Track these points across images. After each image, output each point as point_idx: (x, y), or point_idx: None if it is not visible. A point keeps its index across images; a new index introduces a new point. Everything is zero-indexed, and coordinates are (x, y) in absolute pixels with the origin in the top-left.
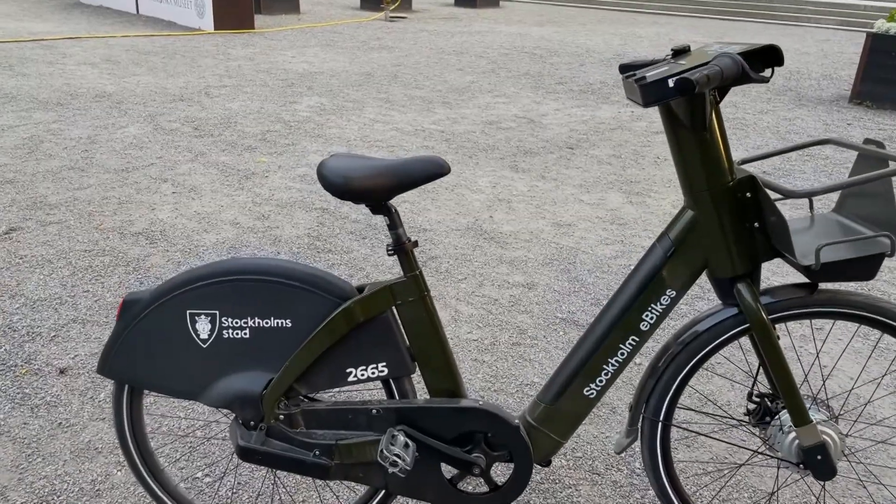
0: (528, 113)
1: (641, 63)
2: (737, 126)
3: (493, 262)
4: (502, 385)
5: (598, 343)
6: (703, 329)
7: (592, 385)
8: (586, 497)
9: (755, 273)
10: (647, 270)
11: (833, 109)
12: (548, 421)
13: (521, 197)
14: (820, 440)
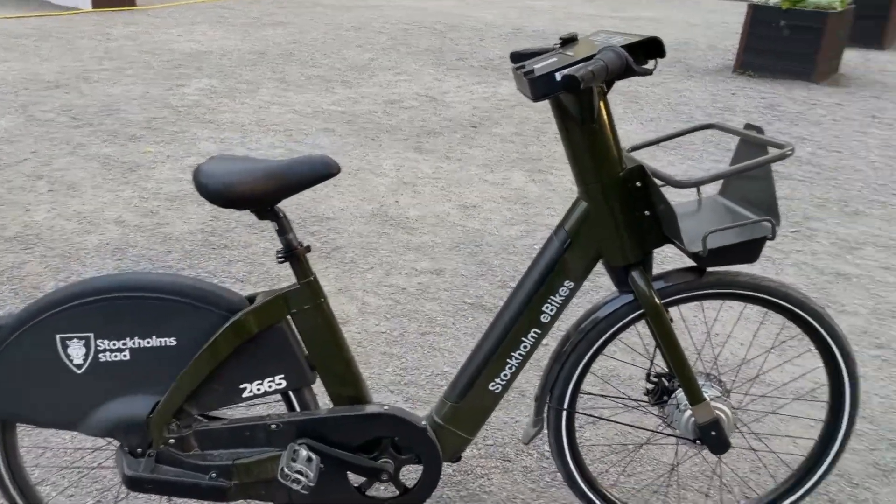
0: (429, 91)
1: (531, 52)
2: (630, 99)
3: (400, 249)
4: (413, 377)
5: (500, 338)
6: (602, 317)
7: (497, 380)
8: (498, 485)
9: (647, 260)
10: (545, 263)
11: (719, 80)
12: (455, 419)
13: (427, 179)
14: (713, 416)
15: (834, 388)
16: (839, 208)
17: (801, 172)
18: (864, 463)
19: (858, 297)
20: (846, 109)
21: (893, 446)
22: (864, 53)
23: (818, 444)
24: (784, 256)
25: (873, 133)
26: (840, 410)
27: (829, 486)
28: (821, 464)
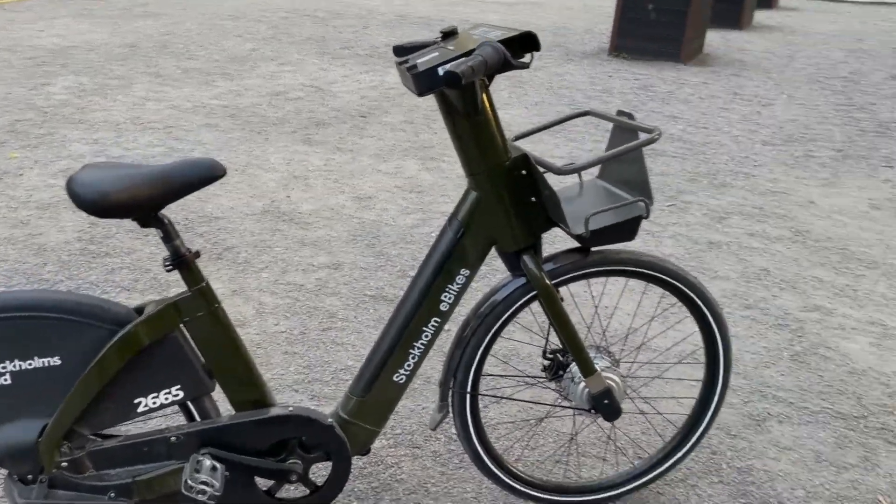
0: (315, 81)
1: (414, 45)
2: (515, 84)
3: (295, 245)
4: (317, 374)
5: (401, 330)
6: (498, 300)
7: (401, 371)
8: (409, 472)
9: (537, 244)
10: (440, 254)
11: (596, 63)
12: (361, 413)
13: (318, 172)
14: (605, 386)
15: (709, 351)
16: (709, 181)
17: (673, 149)
18: (740, 415)
19: (729, 262)
20: (711, 87)
21: (765, 397)
22: (724, 34)
23: (698, 403)
24: (662, 229)
25: (735, 109)
26: (715, 370)
27: (711, 440)
28: (702, 420)
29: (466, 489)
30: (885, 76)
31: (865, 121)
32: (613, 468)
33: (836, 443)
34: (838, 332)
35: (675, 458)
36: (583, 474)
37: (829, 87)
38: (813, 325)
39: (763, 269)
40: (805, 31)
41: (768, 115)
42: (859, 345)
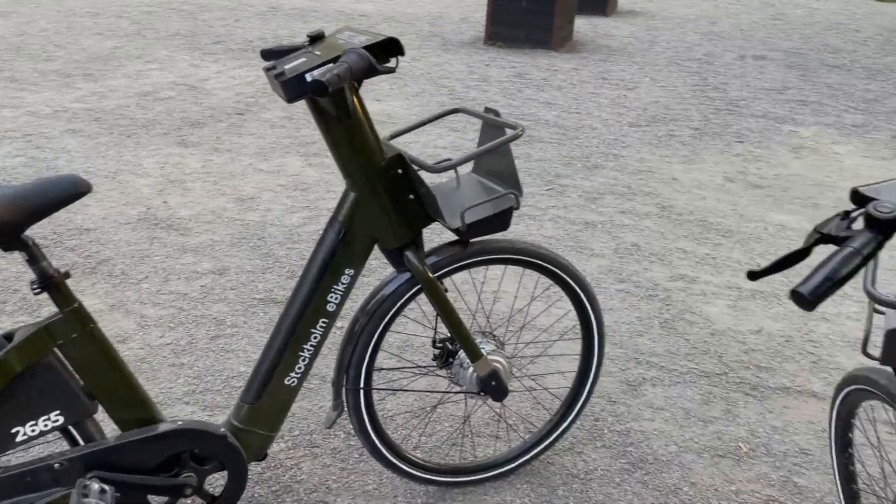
0: (187, 79)
1: (282, 49)
2: (395, 75)
3: (176, 252)
4: (208, 384)
5: (290, 333)
6: (385, 296)
7: (292, 374)
8: (309, 472)
9: (418, 239)
10: (323, 255)
11: (473, 52)
12: (254, 420)
13: (196, 175)
14: (492, 368)
15: (584, 326)
16: (582, 164)
17: (549, 135)
18: (617, 381)
19: (603, 240)
20: (581, 73)
21: (639, 364)
22: (591, 20)
23: (578, 375)
24: (542, 213)
25: (604, 93)
26: (591, 344)
27: (594, 408)
28: (582, 391)
29: (367, 481)
30: (734, 57)
31: (718, 100)
32: (507, 445)
33: (702, 399)
34: (701, 298)
35: (561, 429)
36: (478, 454)
37: (687, 69)
38: (679, 293)
39: (634, 244)
40: (664, 16)
41: (634, 97)
42: (719, 308)
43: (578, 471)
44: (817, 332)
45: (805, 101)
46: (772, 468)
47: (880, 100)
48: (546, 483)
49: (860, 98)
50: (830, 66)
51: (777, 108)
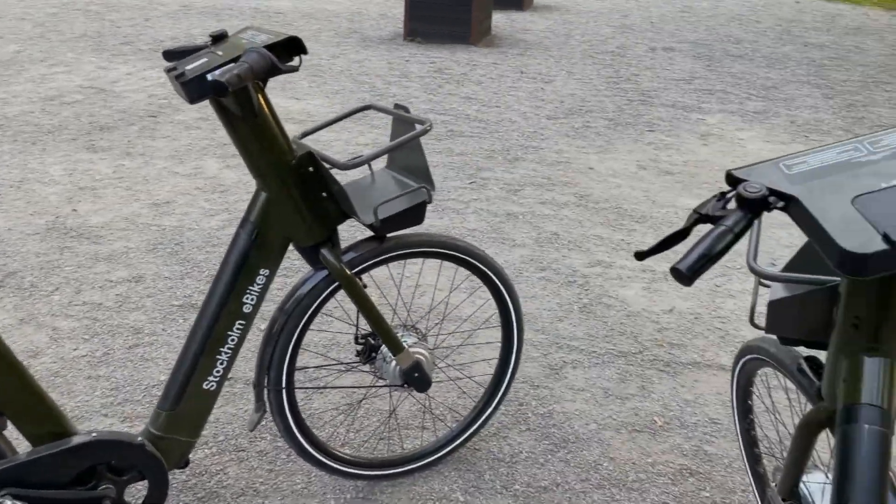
0: (95, 82)
1: (184, 50)
2: (314, 73)
3: (88, 262)
4: (127, 395)
5: (205, 338)
6: (303, 295)
7: (211, 378)
8: (235, 476)
9: (333, 236)
10: (236, 257)
11: (393, 48)
12: (173, 427)
13: (107, 181)
14: (414, 360)
15: (503, 315)
16: (503, 157)
17: (470, 129)
18: (540, 366)
19: (524, 230)
20: (500, 68)
21: (560, 348)
22: (508, 15)
23: (499, 363)
24: (465, 206)
25: (522, 87)
26: (510, 331)
27: (518, 393)
28: (504, 377)
29: (296, 481)
30: (645, 49)
31: (631, 91)
32: (434, 435)
33: (619, 378)
34: (617, 282)
35: (485, 416)
36: (407, 446)
37: (601, 62)
38: (596, 278)
39: (554, 233)
40: (578, 10)
41: (551, 90)
42: (634, 291)
43: (504, 455)
44: (724, 309)
45: (711, 90)
46: (684, 439)
47: (779, 87)
48: (473, 469)
49: (761, 86)
50: (734, 55)
51: (685, 98)
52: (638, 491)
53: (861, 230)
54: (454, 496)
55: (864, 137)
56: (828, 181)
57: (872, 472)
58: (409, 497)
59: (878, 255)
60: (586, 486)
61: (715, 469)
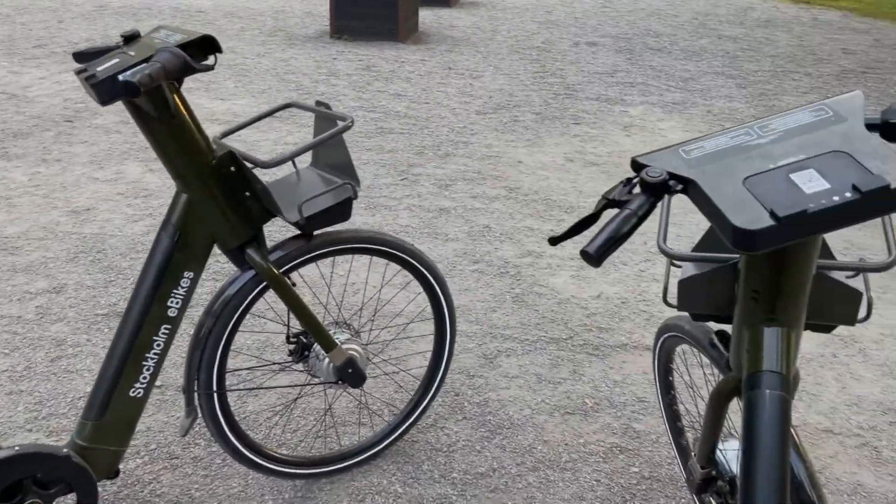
0: (6, 87)
1: (95, 51)
2: (239, 73)
3: (5, 274)
4: (52, 409)
5: (130, 345)
6: (230, 296)
7: (137, 385)
8: (169, 484)
9: (259, 236)
10: (159, 261)
11: (319, 46)
12: (100, 437)
13: (22, 189)
14: (347, 357)
15: (435, 307)
16: (433, 153)
17: (400, 126)
18: (475, 356)
19: (457, 224)
20: (428, 64)
21: (495, 338)
22: (435, 12)
23: (433, 355)
24: (398, 202)
25: (451, 83)
26: (443, 323)
27: (454, 383)
28: (438, 369)
29: (232, 485)
30: (569, 44)
31: (557, 85)
32: (372, 430)
33: (551, 364)
34: (547, 271)
35: (421, 408)
36: (345, 442)
37: (527, 57)
38: (527, 268)
39: (486, 226)
40: (504, 6)
41: (479, 86)
42: (563, 279)
43: (441, 444)
44: (649, 293)
45: (633, 83)
46: (614, 418)
47: (696, 78)
48: (411, 460)
49: (679, 78)
50: (653, 49)
51: (609, 91)
52: (571, 471)
53: (751, 208)
54: (393, 488)
55: (755, 122)
56: (721, 164)
57: (775, 433)
58: (348, 492)
59: (766, 231)
60: (522, 469)
61: (643, 445)
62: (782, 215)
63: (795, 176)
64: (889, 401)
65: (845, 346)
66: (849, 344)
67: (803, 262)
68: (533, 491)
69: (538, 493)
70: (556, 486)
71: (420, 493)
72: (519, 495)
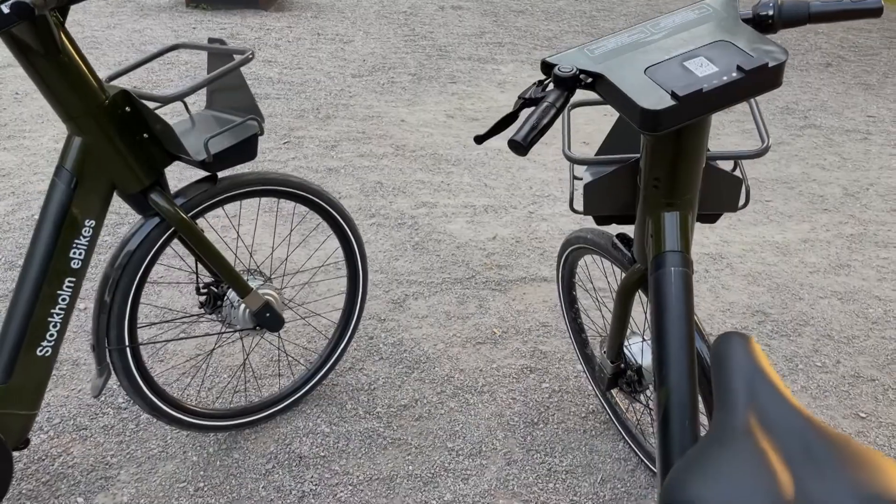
0: None
1: None
2: (90, 45)
3: None
4: None
5: (32, 300)
6: (135, 247)
7: (44, 343)
8: (81, 455)
9: (162, 179)
10: (55, 209)
11: (175, 15)
12: (9, 400)
13: None
14: (264, 300)
15: (346, 248)
16: (314, 116)
17: (275, 91)
18: (384, 301)
19: (348, 182)
20: (295, 31)
21: (400, 283)
22: None
23: (347, 299)
24: (283, 165)
25: (322, 48)
26: (354, 262)
27: (367, 329)
28: (353, 313)
29: (151, 447)
30: (435, 8)
31: (429, 47)
32: (291, 377)
33: (458, 301)
34: (443, 219)
35: (339, 351)
36: (265, 393)
37: (395, 22)
38: (424, 218)
39: (377, 182)
40: None
41: (351, 50)
42: (459, 225)
43: (362, 384)
44: (539, 231)
45: (501, 43)
46: (521, 343)
47: (559, 37)
48: (334, 401)
49: (543, 37)
50: (516, 11)
51: (479, 51)
52: (488, 393)
53: (654, 93)
54: (320, 429)
55: (647, 22)
56: (623, 58)
57: (680, 305)
58: (274, 439)
59: (669, 111)
60: (442, 396)
61: (551, 364)
62: (682, 95)
63: (688, 63)
64: (755, 304)
65: (715, 262)
66: (717, 260)
67: (698, 146)
68: (455, 414)
69: (460, 416)
70: (476, 407)
71: (347, 429)
72: (443, 419)
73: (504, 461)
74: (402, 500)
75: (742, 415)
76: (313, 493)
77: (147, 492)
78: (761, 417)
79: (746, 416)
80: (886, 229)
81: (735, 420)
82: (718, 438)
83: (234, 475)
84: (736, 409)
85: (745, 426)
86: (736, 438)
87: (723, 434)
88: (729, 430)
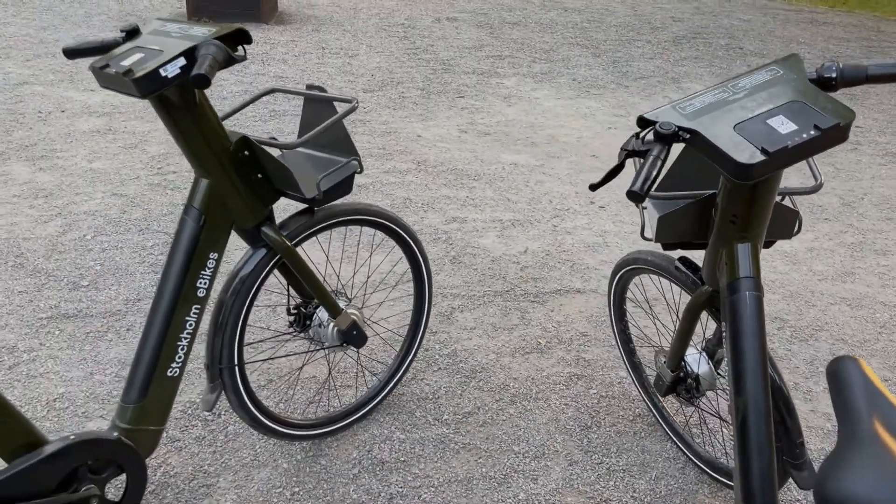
0: None
1: (90, 47)
2: None
3: None
4: (29, 414)
5: (165, 327)
6: (247, 274)
7: (174, 365)
8: (180, 465)
9: (270, 215)
10: (186, 244)
11: None
12: (143, 417)
13: None
14: (352, 320)
15: (415, 270)
16: None
17: (293, 108)
18: (433, 314)
19: (378, 199)
20: (300, 45)
21: (445, 297)
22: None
23: (414, 314)
24: None
25: (329, 62)
26: (422, 285)
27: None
28: (419, 328)
29: (243, 455)
30: (431, 20)
31: (432, 61)
32: (365, 387)
33: (501, 313)
34: (475, 234)
35: (408, 362)
36: (345, 401)
37: (395, 35)
38: (456, 233)
39: (406, 198)
40: None
41: (358, 65)
42: (490, 239)
43: (426, 393)
44: (566, 244)
45: (501, 56)
46: (565, 352)
47: (555, 49)
48: (403, 410)
49: (540, 49)
50: (510, 23)
51: (481, 65)
52: (542, 399)
53: (746, 148)
54: (395, 436)
55: (727, 82)
56: (713, 116)
57: (754, 324)
58: (355, 446)
59: (761, 164)
60: (501, 403)
61: (595, 371)
62: (772, 151)
63: (771, 121)
64: (773, 311)
65: None
66: None
67: (774, 189)
68: (516, 420)
69: (520, 422)
70: (533, 413)
71: (420, 435)
72: (505, 425)
73: (566, 462)
74: (480, 499)
75: (867, 424)
76: (400, 495)
77: (248, 497)
78: (886, 425)
79: (872, 424)
80: (884, 237)
81: (863, 429)
82: (854, 444)
83: (324, 479)
84: (861, 419)
85: (874, 433)
86: (870, 444)
87: (857, 440)
88: (861, 437)
